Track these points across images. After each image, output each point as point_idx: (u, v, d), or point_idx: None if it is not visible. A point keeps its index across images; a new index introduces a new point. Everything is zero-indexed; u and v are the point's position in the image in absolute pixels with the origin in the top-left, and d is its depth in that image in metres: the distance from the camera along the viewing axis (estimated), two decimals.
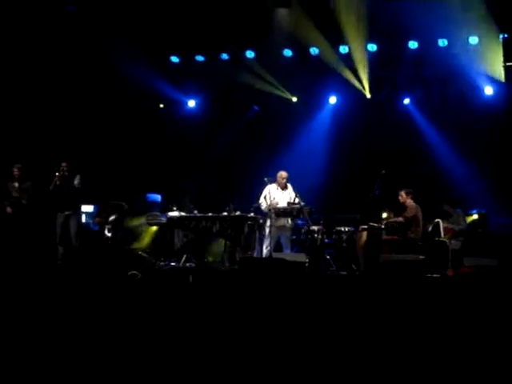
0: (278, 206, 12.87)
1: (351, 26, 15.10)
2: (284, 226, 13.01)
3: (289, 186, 13.24)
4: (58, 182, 13.20)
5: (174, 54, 16.83)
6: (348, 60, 15.84)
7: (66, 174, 13.29)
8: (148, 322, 6.51)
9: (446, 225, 12.76)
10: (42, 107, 15.83)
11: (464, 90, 15.34)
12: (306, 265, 11.72)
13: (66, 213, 13.26)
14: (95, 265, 10.42)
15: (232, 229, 13.00)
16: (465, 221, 13.27)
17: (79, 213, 13.93)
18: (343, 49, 15.68)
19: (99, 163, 15.90)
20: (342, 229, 13.02)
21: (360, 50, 15.59)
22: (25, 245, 13.07)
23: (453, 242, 12.34)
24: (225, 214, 13.18)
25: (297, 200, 12.76)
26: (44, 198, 13.65)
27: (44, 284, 8.55)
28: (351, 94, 16.30)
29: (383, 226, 12.69)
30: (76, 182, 13.35)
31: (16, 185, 13.41)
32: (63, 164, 13.32)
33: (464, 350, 5.65)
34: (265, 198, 12.86)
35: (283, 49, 16.12)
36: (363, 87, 16.06)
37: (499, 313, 6.65)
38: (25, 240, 13.23)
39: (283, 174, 13.24)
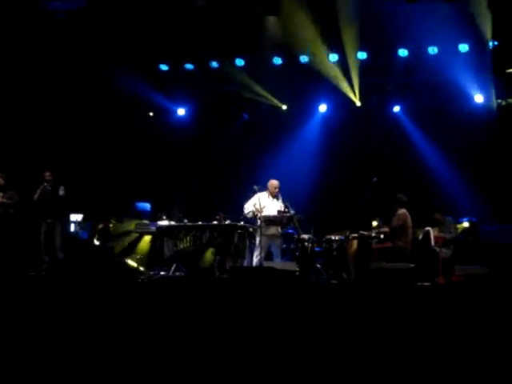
0: (269, 214, 12.82)
1: (341, 34, 15.09)
2: (274, 235, 12.94)
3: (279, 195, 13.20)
4: (42, 194, 13.21)
5: (163, 62, 16.81)
6: (338, 68, 15.84)
7: (51, 183, 13.28)
8: (137, 332, 6.46)
9: (436, 233, 12.73)
10: (31, 116, 15.78)
11: (454, 97, 15.38)
12: (297, 273, 11.65)
13: (49, 221, 13.25)
14: (83, 274, 10.34)
15: (222, 238, 12.95)
16: (455, 229, 13.24)
17: (64, 222, 13.88)
18: (333, 57, 15.70)
19: (88, 172, 15.86)
20: (333, 237, 13.01)
21: (350, 57, 15.58)
22: (12, 254, 13.01)
23: (443, 250, 12.31)
24: (215, 222, 13.14)
25: (287, 209, 12.71)
26: (28, 208, 13.60)
27: (30, 293, 8.48)
28: (341, 101, 16.31)
29: (373, 234, 12.66)
30: (61, 192, 13.32)
31: (0, 194, 13.34)
32: (47, 173, 13.29)
33: (455, 357, 5.62)
34: (254, 205, 12.77)
35: (273, 57, 16.13)
36: (353, 95, 16.07)
37: (490, 321, 6.62)
38: (12, 249, 13.18)
39: (275, 183, 13.13)
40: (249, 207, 12.88)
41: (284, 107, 16.93)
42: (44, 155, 15.27)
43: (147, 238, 14.96)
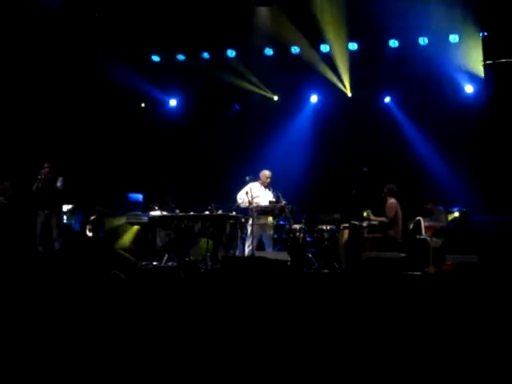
0: (260, 204, 12.87)
1: (332, 24, 15.11)
2: (266, 225, 12.98)
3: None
4: (39, 185, 13.18)
5: (155, 53, 16.80)
6: (329, 59, 15.87)
7: (49, 174, 13.27)
8: (131, 322, 6.49)
9: (427, 222, 12.78)
10: (24, 107, 15.75)
11: (444, 88, 15.39)
12: (288, 263, 11.70)
13: (46, 211, 13.23)
14: (77, 265, 10.36)
15: (214, 228, 12.95)
16: (446, 218, 13.28)
17: (61, 214, 13.90)
18: (324, 47, 15.72)
19: (80, 163, 15.85)
20: (324, 227, 13.04)
21: (341, 48, 15.61)
22: (5, 245, 13.01)
23: (434, 239, 12.36)
24: (206, 213, 13.15)
25: (278, 199, 12.76)
26: (25, 198, 13.60)
27: (25, 284, 8.50)
28: (332, 92, 16.35)
29: (365, 224, 12.68)
30: (59, 183, 13.34)
31: None
32: (45, 165, 13.28)
33: (445, 346, 5.67)
34: (246, 193, 12.82)
35: (264, 47, 16.14)
36: (344, 86, 16.10)
37: (479, 309, 6.69)
38: (5, 240, 13.17)
39: (267, 173, 13.21)
40: (241, 197, 12.94)
41: (275, 98, 16.96)
42: (37, 147, 15.24)
43: (134, 229, 14.98)
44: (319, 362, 5.36)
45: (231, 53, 16.34)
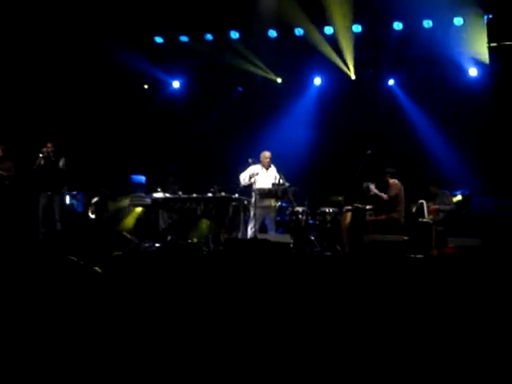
0: (263, 186, 12.87)
1: (336, 6, 15.03)
2: (269, 207, 13.00)
3: (272, 166, 13.24)
4: (42, 162, 13.17)
5: (158, 35, 16.72)
6: (333, 41, 15.80)
7: (51, 154, 13.27)
8: (133, 304, 6.50)
9: (431, 205, 12.78)
10: (28, 88, 15.72)
11: (448, 71, 15.34)
12: (291, 246, 11.71)
13: (49, 193, 13.23)
14: (79, 246, 10.36)
15: (216, 210, 13.00)
16: (451, 201, 13.20)
17: (63, 194, 13.90)
18: (328, 30, 15.61)
19: (83, 144, 15.83)
20: (327, 210, 13.05)
21: (345, 31, 15.52)
22: (7, 225, 13.01)
23: (436, 222, 12.38)
24: (209, 195, 13.17)
25: (281, 181, 12.76)
26: (27, 178, 13.60)
27: (26, 265, 8.50)
28: (336, 75, 16.28)
29: (368, 207, 12.64)
30: (61, 163, 13.33)
31: None
32: (48, 144, 13.28)
33: (448, 329, 5.67)
34: (250, 177, 12.85)
35: (268, 29, 16.03)
36: (348, 68, 16.02)
37: (482, 292, 6.68)
38: (7, 220, 13.18)
39: (266, 153, 13.25)
40: (244, 176, 12.96)
41: (279, 80, 16.88)
42: (40, 128, 15.23)
43: (137, 210, 14.99)
44: (322, 345, 5.37)
45: (234, 34, 16.23)
